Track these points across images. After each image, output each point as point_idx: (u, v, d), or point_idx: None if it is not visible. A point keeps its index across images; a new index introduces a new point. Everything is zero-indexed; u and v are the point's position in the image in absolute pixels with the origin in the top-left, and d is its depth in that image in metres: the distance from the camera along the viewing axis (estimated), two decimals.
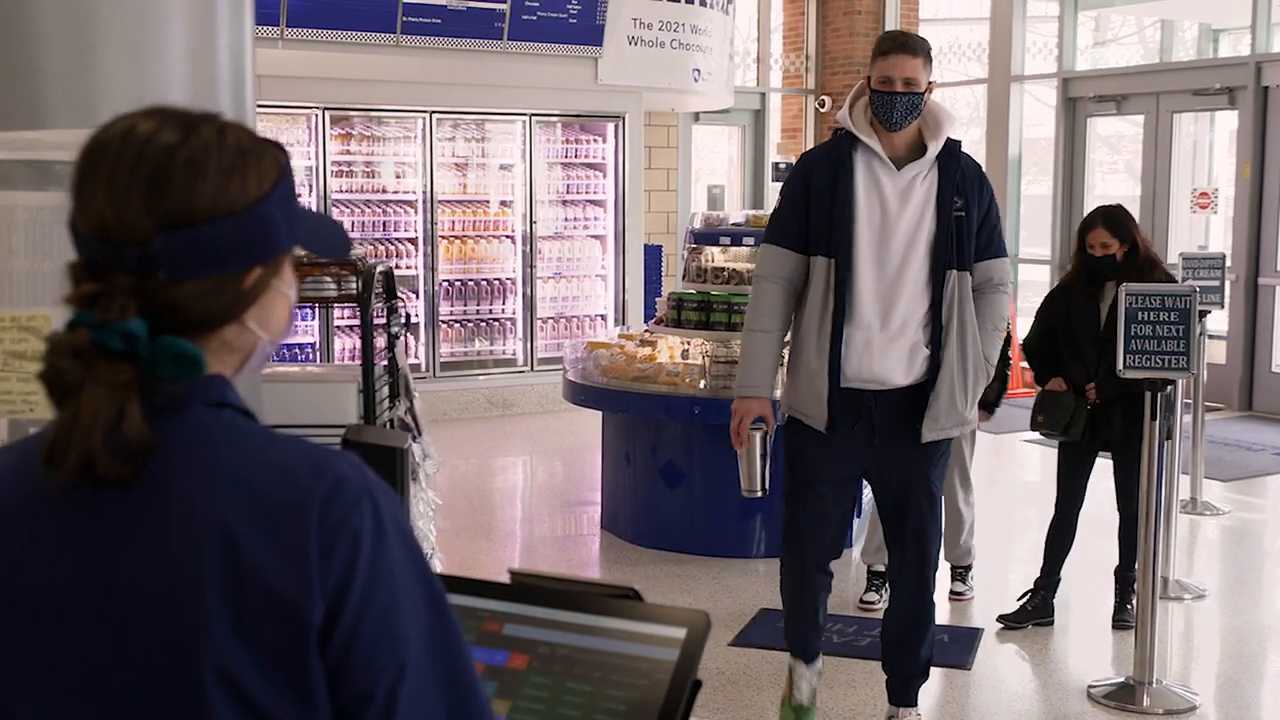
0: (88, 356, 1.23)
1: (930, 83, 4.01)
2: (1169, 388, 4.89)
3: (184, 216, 1.26)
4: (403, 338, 3.44)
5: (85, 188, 1.28)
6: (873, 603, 5.80)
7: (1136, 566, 5.01)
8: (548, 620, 1.73)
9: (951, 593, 5.96)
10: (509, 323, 10.77)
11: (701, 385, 6.44)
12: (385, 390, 3.23)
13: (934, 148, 4.02)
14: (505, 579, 1.76)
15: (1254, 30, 10.55)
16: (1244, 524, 7.51)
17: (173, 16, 2.29)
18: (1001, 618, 5.60)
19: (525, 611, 1.74)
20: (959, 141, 4.09)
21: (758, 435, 4.11)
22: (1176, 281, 5.35)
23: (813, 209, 4.02)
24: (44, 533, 1.28)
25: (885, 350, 3.99)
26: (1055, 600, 5.65)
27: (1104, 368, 5.30)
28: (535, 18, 10.13)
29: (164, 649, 1.24)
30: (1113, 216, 5.36)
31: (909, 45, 4.00)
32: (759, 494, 4.18)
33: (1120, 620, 5.57)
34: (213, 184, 1.28)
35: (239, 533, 1.24)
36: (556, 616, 1.73)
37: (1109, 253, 5.32)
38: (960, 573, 6.02)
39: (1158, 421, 4.79)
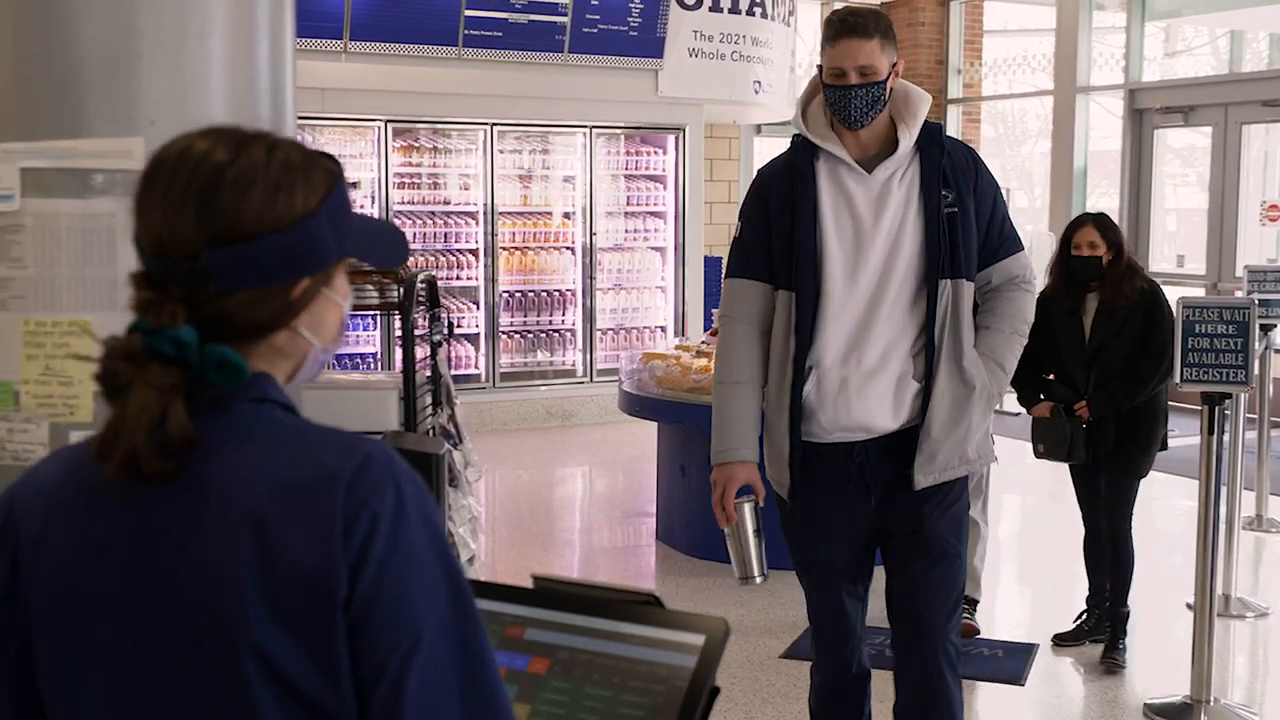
0: (140, 360, 1.30)
1: (895, 65, 3.26)
2: (1226, 401, 4.81)
3: (231, 233, 1.32)
4: (445, 345, 3.46)
5: (144, 203, 1.35)
6: None
7: (1194, 583, 4.92)
8: (569, 625, 1.74)
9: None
10: (569, 334, 10.81)
11: None
12: (427, 398, 3.25)
13: (907, 137, 3.28)
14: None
15: None
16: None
17: (213, 29, 2.33)
18: (1057, 637, 5.53)
19: (547, 616, 1.75)
20: (940, 125, 3.39)
21: (746, 507, 3.33)
22: (1156, 287, 5.19)
23: (773, 234, 3.31)
24: (99, 525, 1.35)
25: (863, 390, 3.25)
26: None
27: (1093, 383, 5.14)
28: (596, 30, 10.18)
29: (206, 634, 1.30)
30: (1103, 219, 5.23)
31: (860, 26, 3.21)
32: (756, 580, 3.36)
33: (1110, 660, 5.27)
34: (259, 201, 1.33)
35: (270, 518, 1.29)
36: (577, 621, 1.74)
37: (1096, 253, 5.14)
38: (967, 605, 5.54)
39: (1214, 436, 4.72)
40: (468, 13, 9.68)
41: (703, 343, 7.52)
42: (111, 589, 1.34)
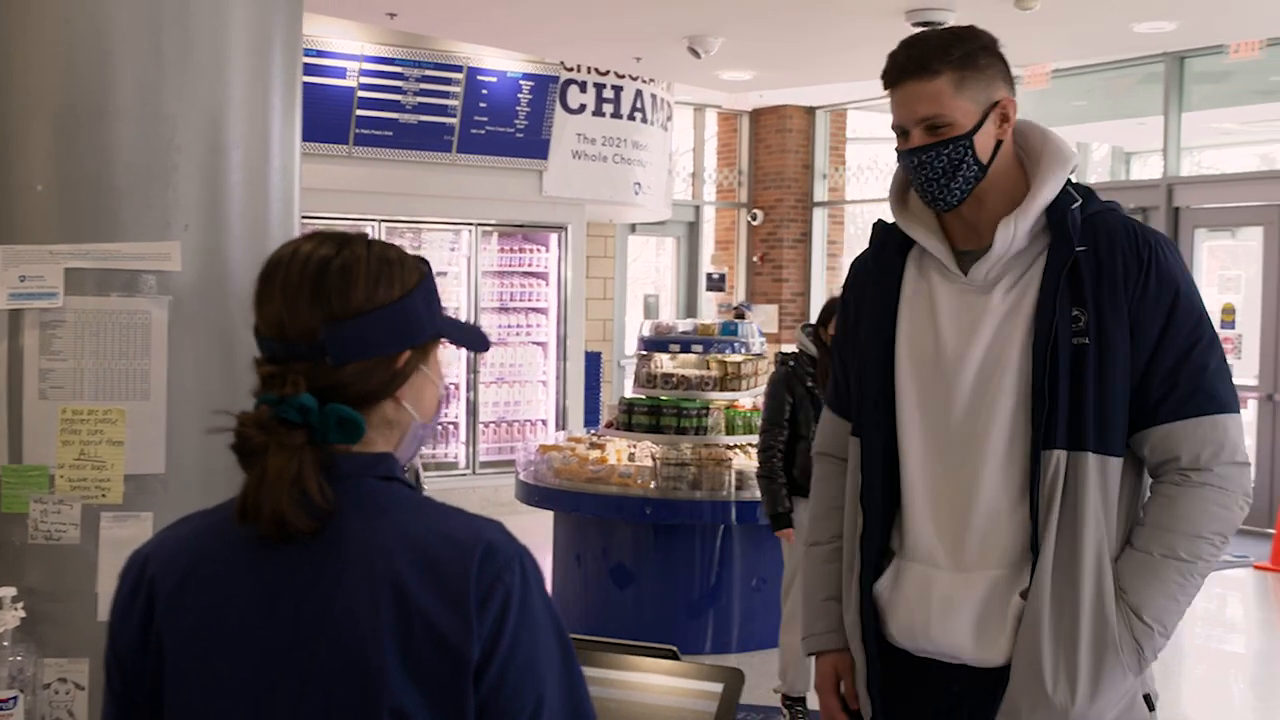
0: (269, 427, 1.47)
1: (996, 105, 2.22)
2: None
3: (341, 311, 1.51)
4: None
5: (264, 296, 1.54)
6: None
7: None
8: (596, 678, 1.97)
9: None
10: (452, 426, 10.96)
11: (652, 486, 6.69)
12: None
13: (1020, 219, 2.23)
14: None
15: (1165, 154, 11.15)
16: None
17: (235, 143, 2.55)
18: None
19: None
20: (1082, 195, 2.27)
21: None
22: None
23: (851, 353, 2.46)
24: (242, 582, 1.51)
25: (952, 598, 2.26)
26: None
27: None
28: (484, 131, 10.48)
29: (348, 687, 1.45)
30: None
31: (918, 61, 2.21)
32: None
33: None
34: (364, 285, 1.53)
35: (409, 583, 1.46)
36: (604, 675, 1.97)
37: None
38: None
39: None
40: (359, 112, 9.91)
41: (594, 435, 7.78)
42: (252, 640, 1.48)
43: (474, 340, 1.70)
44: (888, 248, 2.38)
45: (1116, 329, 2.18)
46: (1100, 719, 2.19)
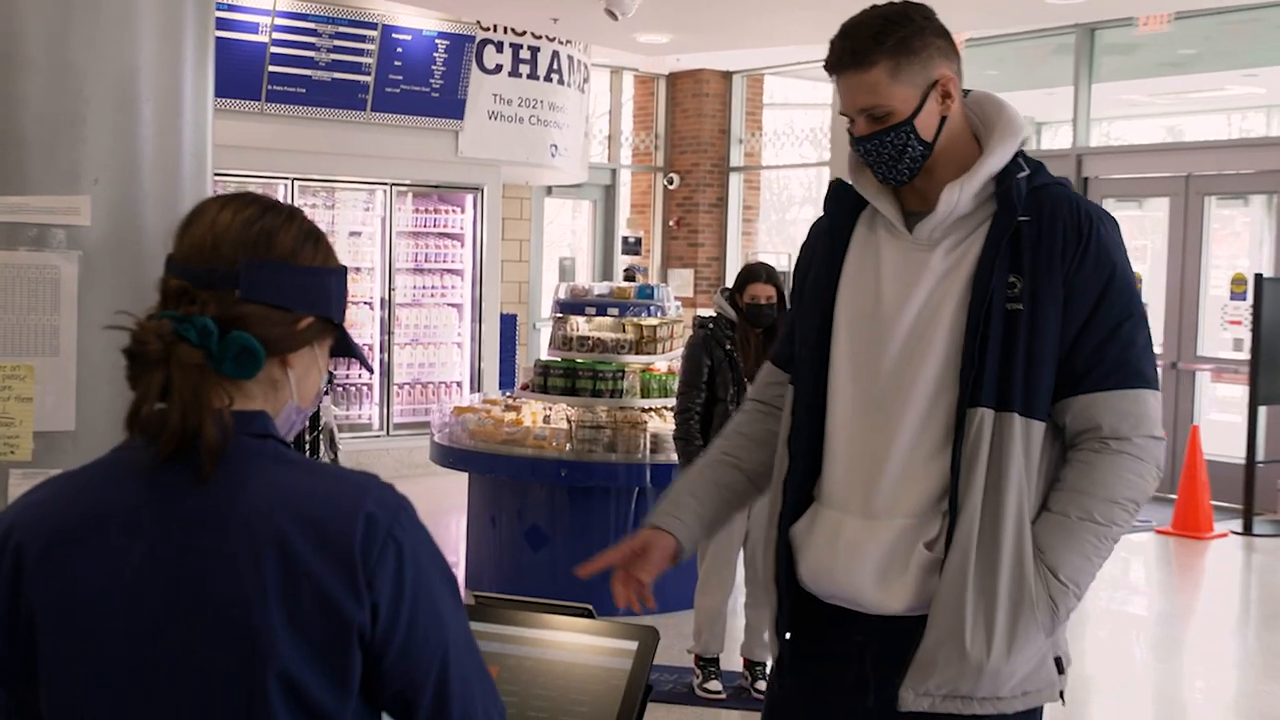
0: (169, 340, 1.45)
1: (935, 85, 2.25)
2: None
3: (265, 252, 1.52)
4: (329, 393, 3.63)
5: (192, 221, 1.54)
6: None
7: None
8: (513, 636, 1.98)
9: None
10: (365, 388, 10.88)
11: (567, 449, 6.70)
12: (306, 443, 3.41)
13: (965, 184, 2.26)
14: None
15: (1075, 124, 11.31)
16: None
17: (145, 97, 2.51)
18: None
19: (493, 630, 1.98)
20: (1031, 168, 2.30)
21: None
22: None
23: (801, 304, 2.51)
24: (115, 545, 1.47)
25: (858, 545, 2.29)
26: None
27: None
28: (399, 90, 10.38)
29: (231, 654, 1.43)
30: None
31: (855, 53, 2.24)
32: None
33: None
34: (293, 238, 1.55)
35: (293, 543, 1.44)
36: (520, 633, 1.98)
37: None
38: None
39: None
40: (272, 68, 9.77)
41: (510, 397, 7.77)
42: (126, 607, 1.44)
43: (360, 355, 1.71)
44: (842, 204, 2.41)
45: (1049, 298, 2.22)
46: (1013, 675, 2.23)
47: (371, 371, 1.93)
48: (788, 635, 2.43)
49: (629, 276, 10.65)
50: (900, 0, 2.30)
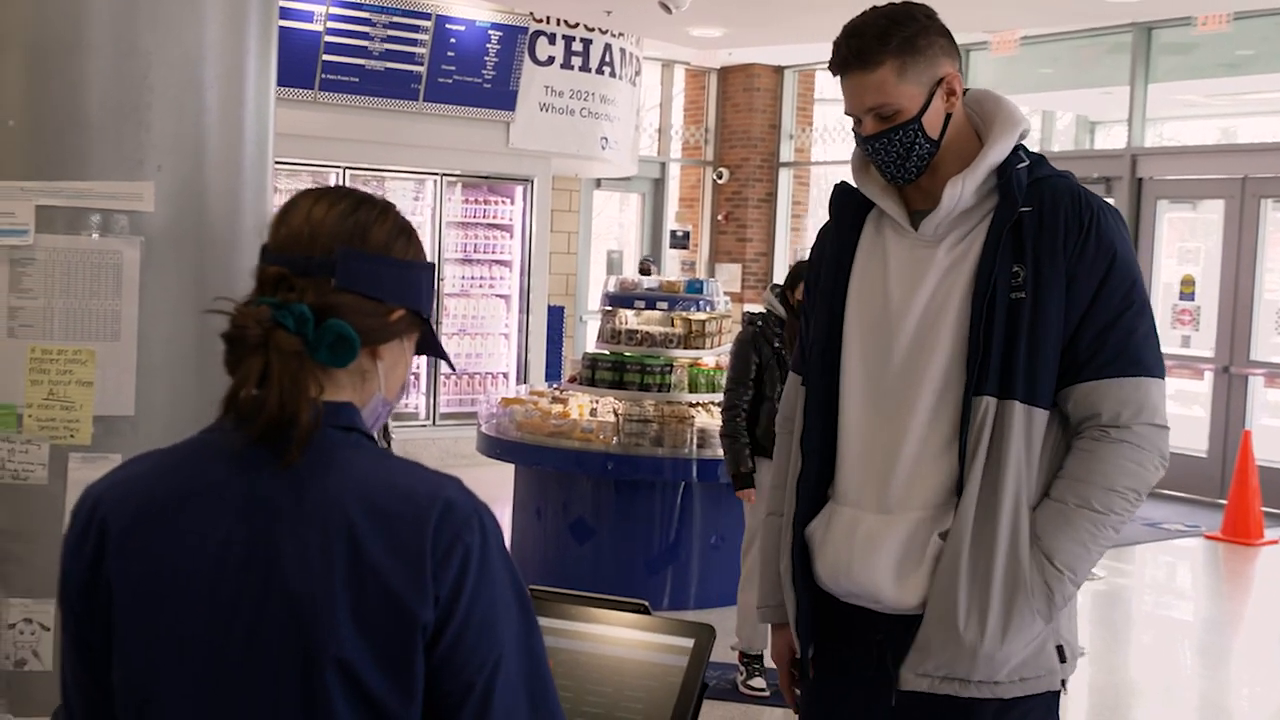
0: (267, 326, 1.47)
1: (940, 83, 2.28)
2: None
3: (361, 243, 1.54)
4: None
5: (291, 209, 1.56)
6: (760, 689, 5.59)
7: None
8: (566, 630, 1.97)
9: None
10: (413, 377, 10.90)
11: (614, 442, 6.70)
12: None
13: (968, 178, 2.30)
14: None
15: (1130, 124, 11.20)
16: (1116, 589, 7.94)
17: (209, 83, 2.52)
18: None
19: (545, 623, 1.97)
20: (1031, 160, 2.35)
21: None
22: None
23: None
24: (194, 526, 1.48)
25: (875, 539, 2.32)
26: None
27: None
28: (451, 81, 10.40)
29: (293, 639, 1.44)
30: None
31: (861, 53, 2.27)
32: None
33: None
34: (387, 232, 1.57)
35: (364, 537, 1.44)
36: (574, 627, 1.97)
37: None
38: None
39: None
40: (325, 57, 9.81)
41: (557, 389, 7.78)
42: (203, 588, 1.46)
43: (443, 352, 1.70)
44: (847, 207, 2.45)
45: (1052, 287, 2.25)
46: (1007, 660, 2.26)
47: (454, 370, 1.93)
48: (810, 646, 2.45)
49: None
50: (902, 0, 2.33)
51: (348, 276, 1.52)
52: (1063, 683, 2.34)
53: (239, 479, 1.49)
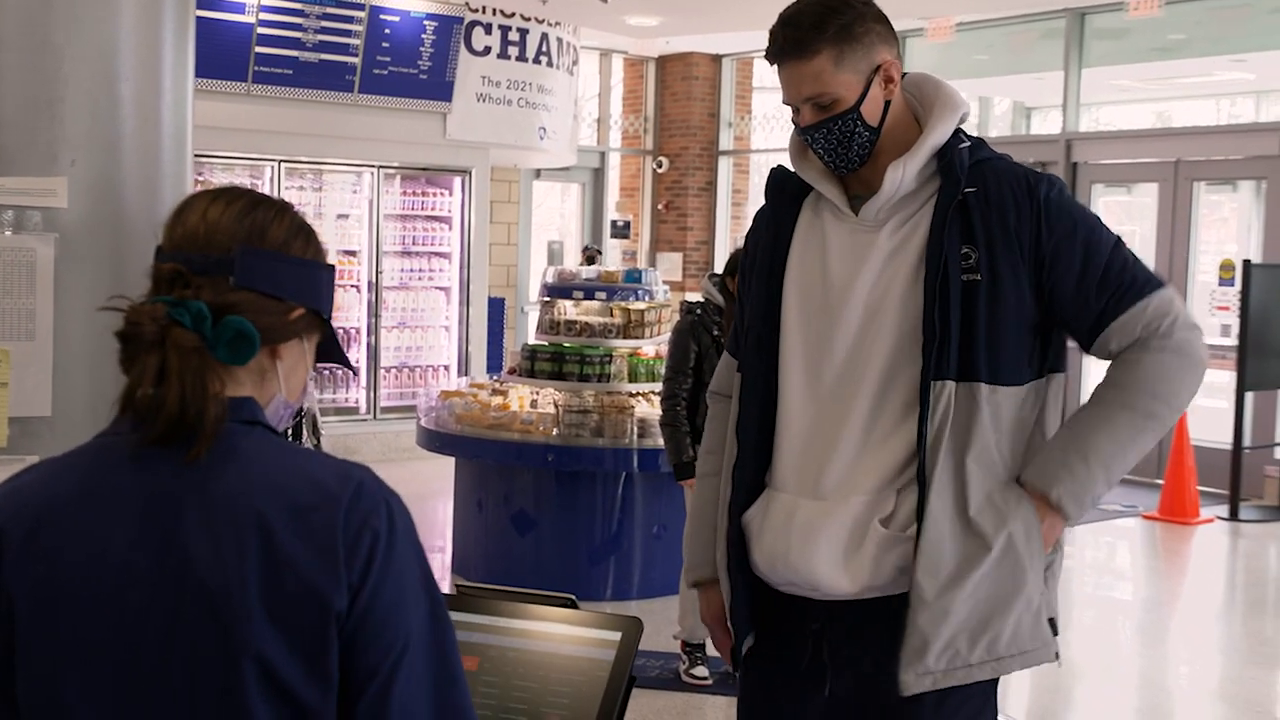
0: (163, 323, 1.45)
1: (878, 70, 2.26)
2: None
3: (259, 241, 1.53)
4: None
5: (186, 209, 1.54)
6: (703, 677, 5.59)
7: None
8: (494, 627, 1.95)
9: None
10: (352, 372, 10.83)
11: (554, 433, 6.67)
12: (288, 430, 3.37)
13: (909, 162, 2.27)
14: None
15: (1065, 109, 11.29)
16: None
17: (124, 77, 2.47)
18: None
19: (474, 620, 1.96)
20: (971, 143, 2.33)
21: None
22: None
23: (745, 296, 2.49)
24: (99, 530, 1.45)
25: (813, 526, 2.27)
26: None
27: None
28: (386, 72, 10.32)
29: (208, 632, 1.41)
30: None
31: (798, 42, 2.23)
32: None
33: None
34: (285, 230, 1.56)
35: (276, 528, 1.43)
36: (501, 623, 1.96)
37: None
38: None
39: None
40: (258, 49, 9.70)
41: (497, 381, 7.74)
42: (109, 592, 1.43)
43: (346, 359, 1.69)
44: (784, 192, 2.41)
45: (1008, 266, 2.24)
46: (1013, 636, 2.26)
47: (355, 373, 1.93)
48: (749, 636, 2.42)
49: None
50: None
51: (246, 274, 1.51)
52: (1055, 654, 2.34)
53: (139, 479, 1.46)
